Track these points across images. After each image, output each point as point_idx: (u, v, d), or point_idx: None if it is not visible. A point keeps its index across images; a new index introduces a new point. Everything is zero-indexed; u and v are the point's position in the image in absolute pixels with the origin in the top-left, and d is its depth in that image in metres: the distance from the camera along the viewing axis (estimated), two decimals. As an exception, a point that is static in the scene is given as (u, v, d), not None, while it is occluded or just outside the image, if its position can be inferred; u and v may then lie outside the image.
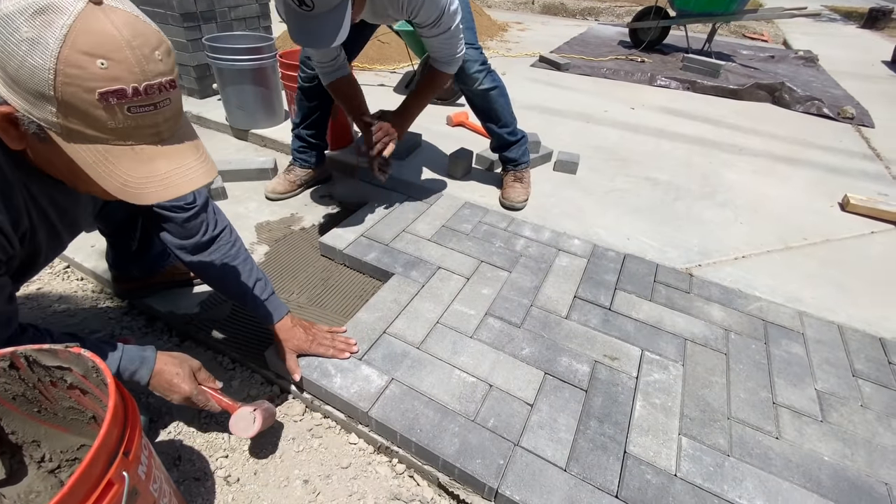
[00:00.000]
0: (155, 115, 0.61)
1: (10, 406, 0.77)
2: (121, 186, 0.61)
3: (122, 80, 0.56)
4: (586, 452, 1.05)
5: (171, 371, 0.93)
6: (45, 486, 0.80)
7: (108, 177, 0.60)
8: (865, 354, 1.39)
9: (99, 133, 0.58)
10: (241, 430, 0.97)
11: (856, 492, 1.03)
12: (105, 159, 0.59)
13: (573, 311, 1.45)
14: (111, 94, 0.56)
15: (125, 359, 0.90)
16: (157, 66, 0.59)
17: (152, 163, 0.62)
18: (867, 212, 2.16)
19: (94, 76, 0.54)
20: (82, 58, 0.53)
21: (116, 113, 0.57)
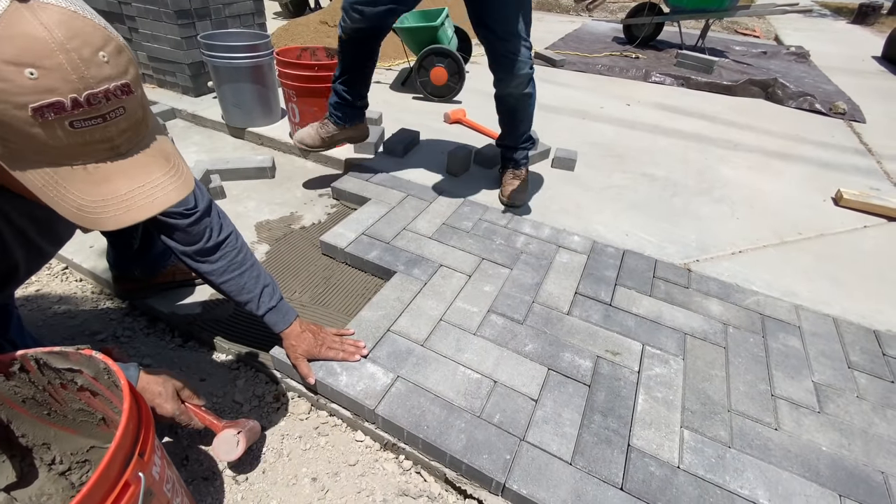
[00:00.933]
0: (105, 128, 0.53)
1: (20, 409, 0.77)
2: (76, 212, 0.53)
3: (58, 90, 0.48)
4: (591, 446, 1.06)
5: (154, 390, 0.90)
6: (56, 488, 0.80)
7: (60, 201, 0.53)
8: (860, 346, 1.42)
9: (41, 156, 0.51)
10: (223, 452, 0.97)
11: (853, 480, 1.05)
12: (55, 182, 0.52)
13: (574, 307, 1.46)
14: (46, 109, 0.48)
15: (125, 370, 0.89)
16: (102, 70, 0.51)
17: (109, 183, 0.55)
18: (860, 206, 2.19)
19: (23, 89, 0.46)
20: (7, 68, 0.46)
21: (56, 129, 0.49)
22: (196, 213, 1.01)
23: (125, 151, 0.56)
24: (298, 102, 2.19)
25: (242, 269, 1.08)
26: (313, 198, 2.06)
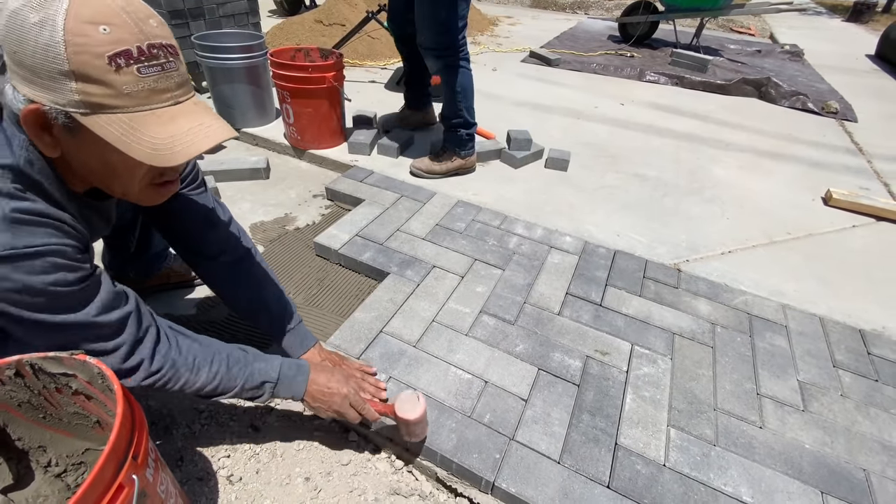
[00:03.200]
0: (166, 77, 0.63)
1: (15, 413, 0.78)
2: (151, 152, 0.62)
3: (125, 41, 0.59)
4: (579, 445, 1.09)
5: (326, 375, 0.99)
6: (52, 490, 0.82)
7: (136, 145, 0.61)
8: (846, 346, 1.45)
9: (118, 101, 0.60)
10: (409, 411, 0.95)
11: (835, 478, 1.08)
12: (131, 128, 0.61)
13: (565, 308, 1.49)
14: (119, 56, 0.58)
15: (285, 365, 0.95)
16: (154, 30, 0.62)
17: (174, 122, 0.64)
18: (849, 206, 2.22)
19: (100, 41, 0.57)
20: (86, 26, 0.56)
21: (128, 74, 0.59)
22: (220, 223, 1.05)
23: (182, 101, 0.66)
24: (292, 104, 2.19)
25: (260, 290, 1.09)
26: (307, 199, 2.07)
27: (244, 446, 1.10)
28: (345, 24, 3.88)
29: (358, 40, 3.75)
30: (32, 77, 0.58)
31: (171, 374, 0.82)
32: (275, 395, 0.95)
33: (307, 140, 2.32)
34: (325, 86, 2.15)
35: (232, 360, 0.90)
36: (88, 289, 0.73)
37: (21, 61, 0.58)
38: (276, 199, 2.04)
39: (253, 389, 0.92)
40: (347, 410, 0.99)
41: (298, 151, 2.39)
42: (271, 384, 0.94)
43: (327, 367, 1.04)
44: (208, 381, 0.86)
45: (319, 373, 1.00)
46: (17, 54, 0.57)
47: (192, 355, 0.85)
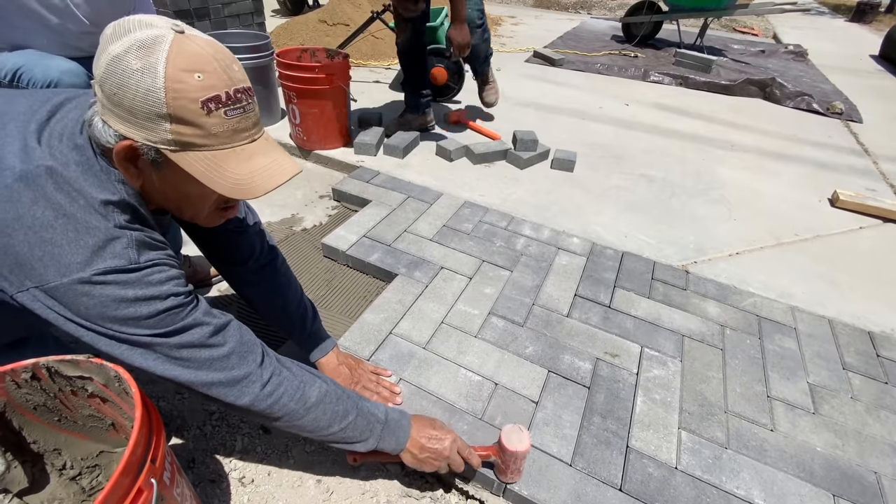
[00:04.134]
0: (246, 118, 0.69)
1: (31, 416, 0.78)
2: (233, 186, 0.68)
3: (217, 87, 0.64)
4: (590, 448, 1.09)
5: (428, 422, 0.95)
6: (68, 493, 0.82)
7: (220, 180, 0.67)
8: (855, 348, 1.45)
9: (206, 140, 0.66)
10: (516, 442, 0.92)
11: (847, 480, 1.07)
12: (214, 164, 0.67)
13: (574, 310, 1.48)
14: (210, 101, 0.64)
15: (390, 409, 0.93)
16: (238, 75, 0.68)
17: (252, 160, 0.70)
18: (856, 207, 2.21)
19: (195, 87, 0.62)
20: (183, 74, 0.62)
21: (216, 117, 0.65)
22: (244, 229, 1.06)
23: (256, 138, 0.72)
24: (299, 104, 2.19)
25: (283, 292, 1.10)
26: (314, 199, 2.07)
27: (256, 448, 1.10)
28: (349, 24, 3.88)
29: (362, 40, 3.74)
30: (129, 116, 0.63)
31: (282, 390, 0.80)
32: (379, 444, 0.89)
33: (313, 140, 2.32)
34: (332, 86, 2.15)
35: (340, 392, 0.87)
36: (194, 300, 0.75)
37: (120, 102, 0.62)
38: (283, 199, 2.04)
39: (361, 427, 0.87)
40: (455, 458, 0.93)
41: (304, 152, 2.39)
42: (380, 425, 0.89)
43: (427, 418, 0.97)
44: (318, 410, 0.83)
45: (421, 422, 0.95)
46: (116, 95, 0.62)
47: (300, 376, 0.83)
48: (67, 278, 0.64)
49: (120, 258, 0.66)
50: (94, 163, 0.69)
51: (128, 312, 0.67)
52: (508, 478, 0.99)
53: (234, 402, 0.77)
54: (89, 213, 0.66)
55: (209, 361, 0.74)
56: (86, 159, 0.68)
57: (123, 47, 0.61)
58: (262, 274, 1.09)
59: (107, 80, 0.62)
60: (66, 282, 0.64)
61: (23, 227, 0.62)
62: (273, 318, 1.13)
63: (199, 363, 0.73)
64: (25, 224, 0.63)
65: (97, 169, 0.69)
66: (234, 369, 0.76)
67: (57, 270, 0.63)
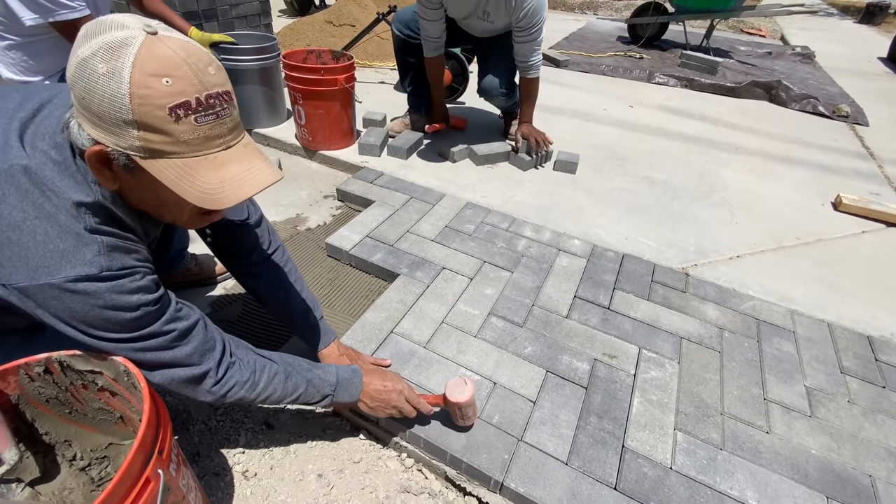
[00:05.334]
0: (220, 124, 0.66)
1: (43, 408, 0.81)
2: (201, 195, 0.66)
3: (186, 93, 0.62)
4: (586, 447, 1.10)
5: (378, 375, 1.04)
6: (77, 482, 0.85)
7: (189, 188, 0.65)
8: (853, 352, 1.45)
9: (175, 147, 0.64)
10: (458, 394, 1.02)
11: (841, 483, 1.09)
12: (184, 173, 0.65)
13: (573, 311, 1.50)
14: (179, 107, 0.61)
15: (341, 370, 1.00)
16: (212, 79, 0.65)
17: (224, 168, 0.68)
18: (859, 211, 2.21)
19: (162, 93, 0.60)
20: (150, 79, 0.60)
21: (186, 124, 0.63)
22: (248, 224, 1.09)
23: (232, 145, 0.69)
24: (304, 105, 2.22)
25: (286, 286, 1.13)
26: (318, 199, 2.10)
27: (259, 443, 1.13)
28: (354, 24, 3.91)
29: (367, 41, 3.77)
30: (98, 121, 0.62)
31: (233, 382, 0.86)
32: (335, 399, 0.98)
33: (318, 141, 2.35)
34: (337, 88, 2.17)
35: (290, 369, 0.93)
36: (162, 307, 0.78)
37: (88, 106, 0.61)
38: (288, 199, 2.07)
39: (314, 395, 0.96)
40: (404, 405, 1.04)
41: (309, 152, 2.42)
42: (332, 387, 0.97)
43: (378, 371, 1.08)
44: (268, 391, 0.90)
45: (372, 374, 1.05)
46: (84, 99, 0.61)
47: (252, 365, 0.89)
48: (37, 282, 0.65)
49: (91, 265, 0.67)
50: (72, 163, 0.69)
51: (96, 318, 0.69)
52: (460, 423, 1.09)
53: (188, 395, 0.82)
54: (61, 214, 0.67)
55: (171, 362, 0.78)
56: (63, 159, 0.68)
57: (91, 50, 0.59)
58: (265, 266, 1.12)
59: (76, 83, 0.61)
60: (35, 285, 0.65)
61: None
62: (276, 309, 1.16)
63: (161, 363, 0.77)
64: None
65: (73, 170, 0.69)
66: (193, 367, 0.80)
67: (25, 273, 0.65)
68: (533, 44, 2.06)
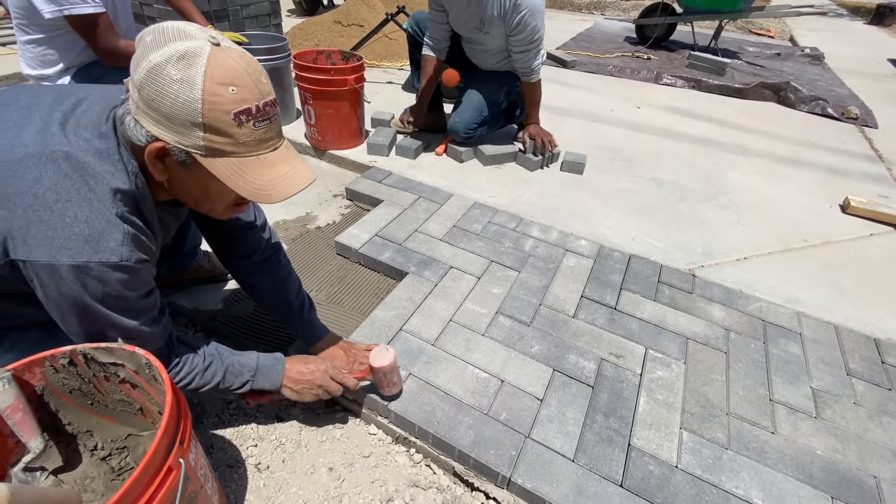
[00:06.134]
0: (271, 129, 0.74)
1: (67, 399, 0.83)
2: (254, 190, 0.73)
3: (248, 101, 0.68)
4: (593, 445, 1.12)
5: (302, 360, 1.08)
6: (98, 472, 0.87)
7: (243, 184, 0.72)
8: (860, 354, 1.46)
9: (234, 147, 0.71)
10: (380, 359, 1.08)
11: (846, 484, 1.09)
12: (239, 170, 0.72)
13: (580, 311, 1.51)
14: (242, 113, 0.68)
15: (262, 357, 1.03)
16: (266, 88, 0.72)
17: (273, 168, 0.75)
18: (867, 214, 2.21)
19: (229, 100, 0.67)
20: (219, 87, 0.66)
21: (246, 128, 0.70)
22: (254, 226, 1.13)
23: (278, 147, 0.77)
24: (314, 105, 2.25)
25: (284, 283, 1.18)
26: (328, 198, 2.13)
27: (270, 436, 1.15)
28: (363, 24, 3.93)
29: (376, 41, 3.79)
30: (164, 121, 0.67)
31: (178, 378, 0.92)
32: (255, 385, 1.01)
33: (327, 141, 2.38)
34: (347, 88, 2.19)
35: (210, 358, 0.96)
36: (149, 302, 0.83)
37: (157, 108, 0.66)
38: (298, 197, 2.10)
39: (232, 381, 0.98)
40: (329, 383, 1.07)
41: (319, 152, 2.44)
42: (251, 373, 1.00)
43: (302, 357, 1.11)
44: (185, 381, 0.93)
45: (295, 361, 1.07)
46: (154, 101, 0.66)
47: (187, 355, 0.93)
48: (56, 262, 0.68)
49: (112, 253, 0.71)
50: (115, 152, 0.74)
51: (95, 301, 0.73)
52: (386, 391, 1.14)
53: None
54: (96, 199, 0.71)
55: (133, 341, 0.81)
56: (107, 148, 0.73)
57: (164, 57, 0.64)
58: (265, 265, 1.16)
59: (146, 85, 0.66)
60: (53, 263, 0.68)
61: (22, 203, 0.67)
62: (274, 306, 1.20)
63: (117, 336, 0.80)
64: (26, 201, 0.67)
65: (115, 158, 0.74)
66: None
67: (48, 251, 0.68)
68: (530, 52, 2.08)
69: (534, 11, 1.95)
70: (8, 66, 3.07)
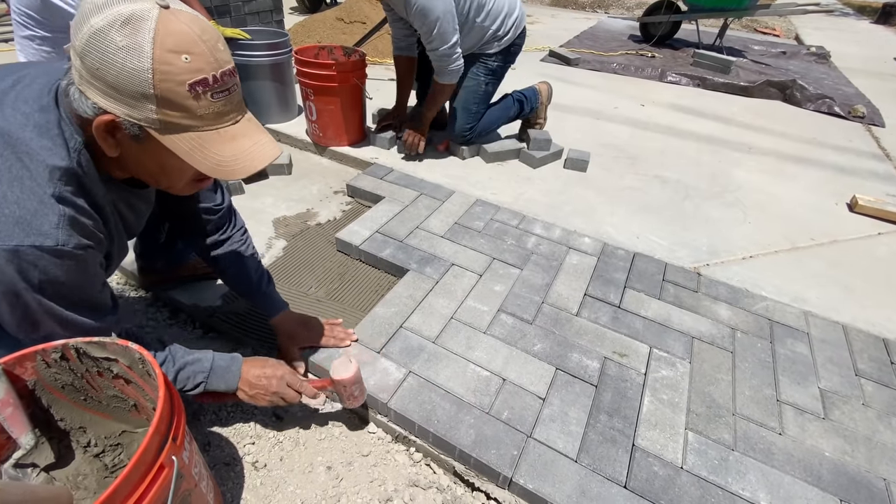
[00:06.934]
0: (230, 100, 0.69)
1: (59, 395, 0.82)
2: (215, 166, 0.68)
3: (204, 70, 0.63)
4: (596, 445, 1.10)
5: (259, 363, 1.04)
6: (91, 469, 0.86)
7: (203, 160, 0.68)
8: (868, 354, 1.43)
9: (191, 121, 0.65)
10: (342, 372, 1.04)
11: (855, 486, 1.07)
12: (199, 145, 0.67)
13: (583, 309, 1.49)
14: (197, 84, 0.63)
15: (217, 357, 1.00)
16: (223, 56, 0.66)
17: (235, 142, 0.70)
18: (875, 213, 2.18)
19: (182, 70, 0.61)
20: (170, 55, 0.60)
21: (202, 99, 0.64)
22: (223, 209, 1.14)
23: (239, 119, 0.72)
24: (315, 101, 2.23)
25: (245, 260, 1.20)
26: (329, 195, 2.11)
27: (268, 434, 1.14)
28: (365, 21, 3.91)
29: (378, 38, 3.77)
30: (111, 92, 0.61)
31: None
32: (209, 387, 0.97)
33: (329, 137, 2.36)
34: (348, 84, 2.18)
35: (162, 358, 0.93)
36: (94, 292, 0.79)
37: (102, 77, 0.60)
38: (299, 194, 2.08)
39: (185, 382, 0.95)
40: (285, 391, 1.03)
41: (320, 148, 2.43)
42: (204, 374, 0.97)
43: (260, 359, 1.07)
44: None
45: (252, 364, 1.04)
46: (99, 70, 0.60)
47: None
48: None
49: (46, 237, 0.66)
50: (55, 127, 0.68)
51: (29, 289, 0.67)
52: (347, 403, 1.09)
53: None
54: (30, 178, 0.65)
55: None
56: (47, 121, 0.67)
57: (106, 21, 0.58)
58: (228, 244, 1.17)
59: (88, 53, 0.59)
60: None
61: None
62: (235, 280, 1.21)
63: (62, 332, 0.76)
64: None
65: (55, 133, 0.68)
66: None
67: None
68: (431, 45, 1.93)
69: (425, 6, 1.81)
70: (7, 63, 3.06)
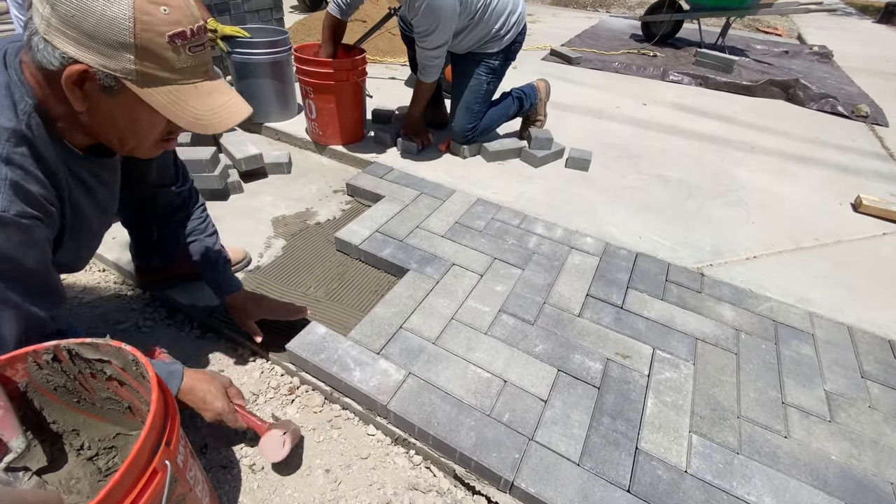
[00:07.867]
0: (205, 54, 0.70)
1: (51, 397, 0.80)
2: (193, 120, 0.69)
3: (182, 23, 0.64)
4: (599, 448, 1.08)
5: (204, 388, 0.95)
6: (85, 472, 0.84)
7: (181, 114, 0.68)
8: (874, 356, 1.41)
9: (169, 74, 0.66)
10: (271, 452, 1.00)
11: (862, 490, 1.05)
12: (176, 99, 0.67)
13: (586, 310, 1.47)
14: (177, 36, 0.63)
15: (157, 365, 0.92)
16: (199, 11, 0.68)
17: (211, 97, 0.71)
18: (879, 213, 2.16)
19: (162, 21, 0.62)
20: (150, 6, 0.60)
21: (181, 53, 0.65)
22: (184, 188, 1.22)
23: (213, 76, 0.73)
24: (315, 99, 2.21)
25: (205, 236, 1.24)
26: (328, 194, 2.09)
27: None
28: (366, 20, 3.89)
29: (378, 37, 3.76)
30: (86, 41, 0.60)
31: None
32: None
33: (328, 135, 2.34)
34: (348, 82, 2.16)
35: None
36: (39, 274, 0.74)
37: (77, 24, 0.59)
38: (298, 193, 2.06)
39: None
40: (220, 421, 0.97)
41: (319, 147, 2.41)
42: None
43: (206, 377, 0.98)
44: None
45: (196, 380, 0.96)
46: (74, 17, 0.59)
47: None
48: None
49: None
50: (1, 89, 0.66)
51: None
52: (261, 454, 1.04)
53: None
54: None
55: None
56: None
57: None
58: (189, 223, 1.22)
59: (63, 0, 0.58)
60: None
61: None
62: (194, 257, 1.24)
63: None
64: None
65: (2, 94, 0.66)
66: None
67: None
68: (424, 44, 1.95)
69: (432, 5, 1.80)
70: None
